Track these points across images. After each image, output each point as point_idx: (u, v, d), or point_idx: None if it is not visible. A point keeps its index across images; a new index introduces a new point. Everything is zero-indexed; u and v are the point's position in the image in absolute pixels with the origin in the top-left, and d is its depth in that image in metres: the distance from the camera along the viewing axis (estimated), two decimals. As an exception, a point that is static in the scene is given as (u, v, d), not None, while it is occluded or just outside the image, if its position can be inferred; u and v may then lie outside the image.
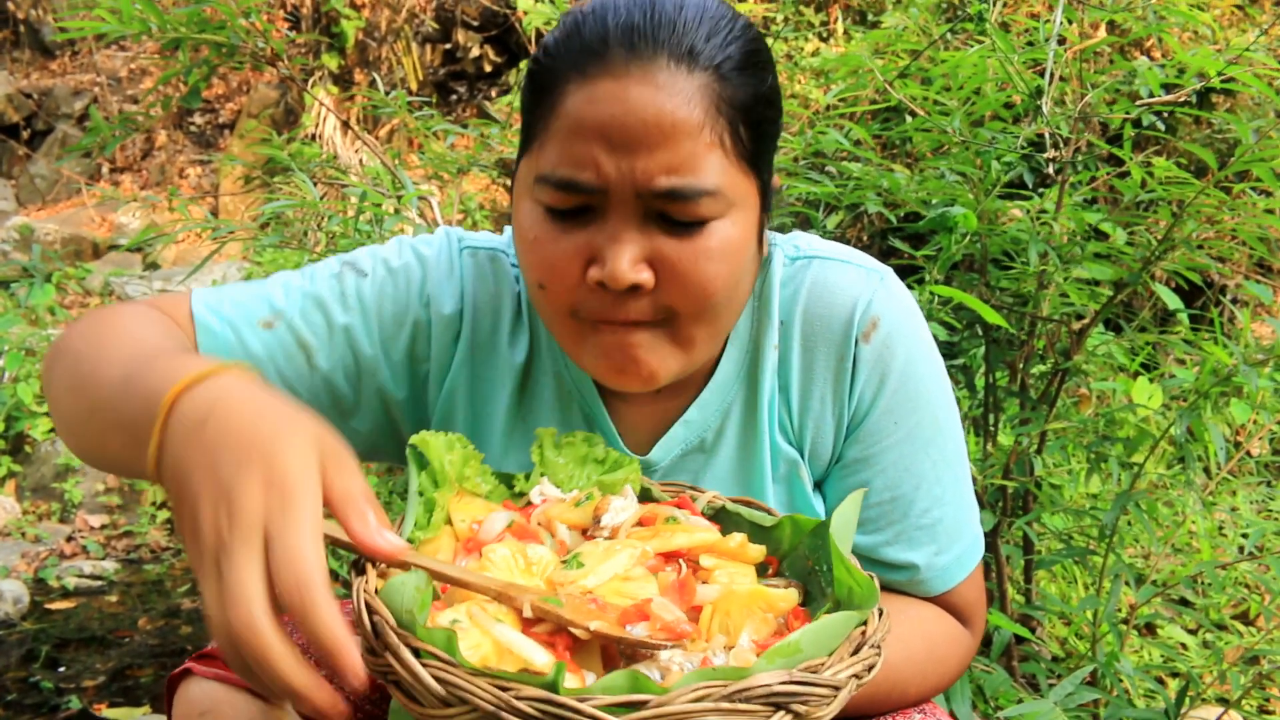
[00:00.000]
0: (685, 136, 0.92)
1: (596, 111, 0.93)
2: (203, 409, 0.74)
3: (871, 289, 1.10)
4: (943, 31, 2.13)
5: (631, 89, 0.92)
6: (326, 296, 1.12)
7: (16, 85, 8.68)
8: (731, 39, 0.97)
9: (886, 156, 2.92)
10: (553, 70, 0.97)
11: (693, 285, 0.96)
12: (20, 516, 4.19)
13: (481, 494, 1.00)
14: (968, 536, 1.16)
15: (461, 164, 2.88)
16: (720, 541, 0.88)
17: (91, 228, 7.61)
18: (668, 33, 0.93)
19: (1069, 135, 1.94)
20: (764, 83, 0.99)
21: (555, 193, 0.95)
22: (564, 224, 0.97)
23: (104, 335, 0.98)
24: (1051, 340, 2.14)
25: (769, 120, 1.01)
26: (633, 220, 0.95)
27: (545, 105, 0.98)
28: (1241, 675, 1.88)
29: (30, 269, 3.18)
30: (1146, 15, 1.86)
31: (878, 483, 1.12)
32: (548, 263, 0.98)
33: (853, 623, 0.78)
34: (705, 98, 0.93)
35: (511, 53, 7.60)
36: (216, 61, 2.05)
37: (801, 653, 0.75)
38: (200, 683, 1.09)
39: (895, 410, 1.11)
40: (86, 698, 2.94)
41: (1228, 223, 1.87)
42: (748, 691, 0.70)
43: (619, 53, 0.93)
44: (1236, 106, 3.86)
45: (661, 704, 0.68)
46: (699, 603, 0.81)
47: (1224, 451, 1.78)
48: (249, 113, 7.90)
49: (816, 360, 1.11)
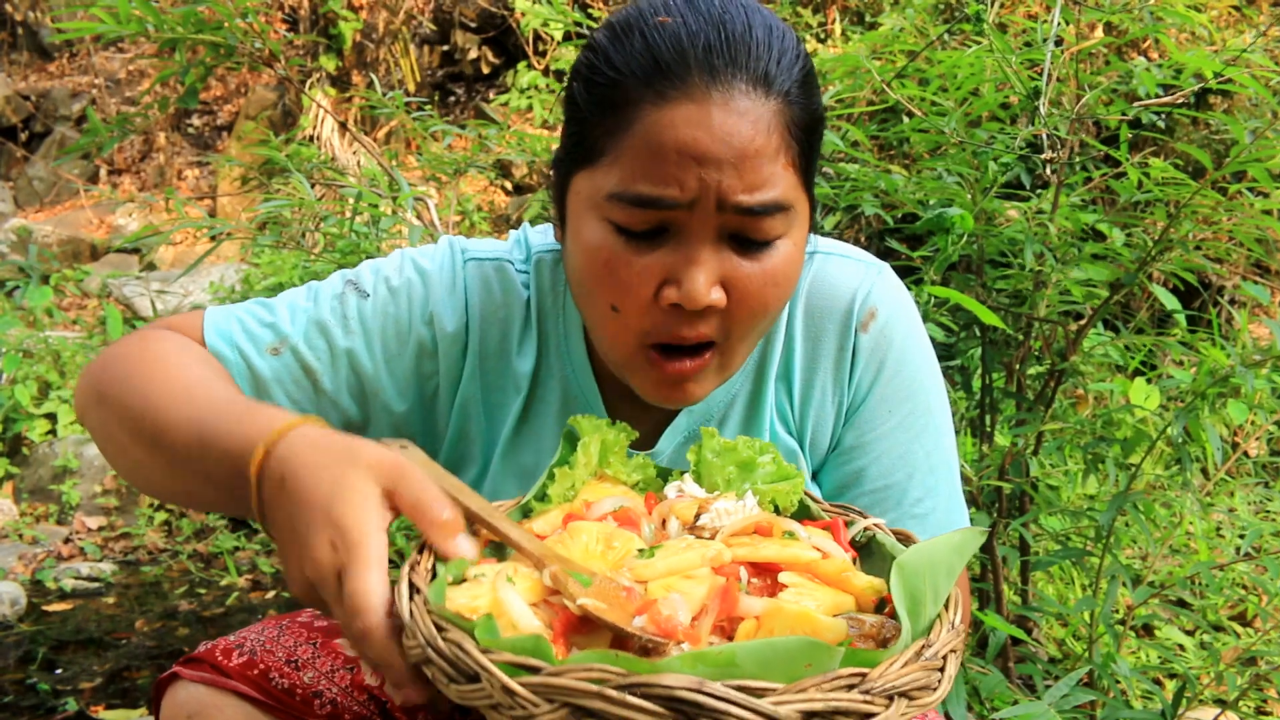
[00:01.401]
0: (765, 159, 0.95)
1: (679, 135, 0.93)
2: (278, 472, 0.86)
3: (870, 281, 1.15)
4: (940, 32, 2.13)
5: (715, 114, 0.93)
6: (329, 320, 1.14)
7: (14, 87, 8.67)
8: (795, 60, 0.99)
9: (883, 157, 2.92)
10: (622, 86, 0.97)
11: (757, 306, 1.00)
12: (17, 518, 4.19)
13: (627, 482, 1.01)
14: (957, 527, 1.18)
15: (459, 165, 2.88)
16: (816, 563, 0.85)
17: (89, 229, 7.61)
18: (744, 56, 0.95)
19: (1066, 136, 1.94)
20: (819, 104, 1.03)
21: (632, 210, 0.96)
22: (637, 244, 0.97)
23: (155, 376, 1.03)
24: (1048, 341, 2.14)
25: (820, 137, 1.05)
26: (709, 240, 0.96)
27: (614, 122, 0.97)
28: (1238, 676, 1.87)
29: (27, 270, 3.17)
30: (1143, 16, 1.86)
31: (872, 470, 1.15)
32: (621, 284, 0.98)
33: (813, 652, 0.69)
34: (780, 122, 0.96)
35: (509, 54, 7.60)
36: (213, 62, 2.05)
37: (736, 666, 0.68)
38: (187, 686, 1.09)
39: (890, 398, 1.15)
40: (83, 699, 2.94)
41: (1224, 223, 1.88)
42: (647, 688, 0.65)
43: (699, 74, 0.94)
44: (1233, 107, 3.86)
45: (554, 672, 0.66)
46: (742, 614, 0.78)
47: (1221, 452, 1.78)
48: (246, 114, 7.90)
49: (819, 351, 1.15)
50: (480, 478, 1.22)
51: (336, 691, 1.12)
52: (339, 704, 1.12)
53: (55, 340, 4.89)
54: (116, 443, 1.05)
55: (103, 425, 1.06)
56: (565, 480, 0.98)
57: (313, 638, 1.16)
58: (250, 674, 1.09)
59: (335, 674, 1.13)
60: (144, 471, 1.04)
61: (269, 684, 1.09)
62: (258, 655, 1.11)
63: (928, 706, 0.73)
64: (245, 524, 4.18)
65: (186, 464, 0.97)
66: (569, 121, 1.05)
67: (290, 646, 1.13)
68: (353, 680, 1.13)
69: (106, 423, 1.05)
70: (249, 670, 1.09)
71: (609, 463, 1.01)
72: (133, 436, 1.02)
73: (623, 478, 1.01)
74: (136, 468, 1.04)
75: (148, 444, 1.00)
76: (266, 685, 1.09)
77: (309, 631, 1.17)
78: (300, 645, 1.14)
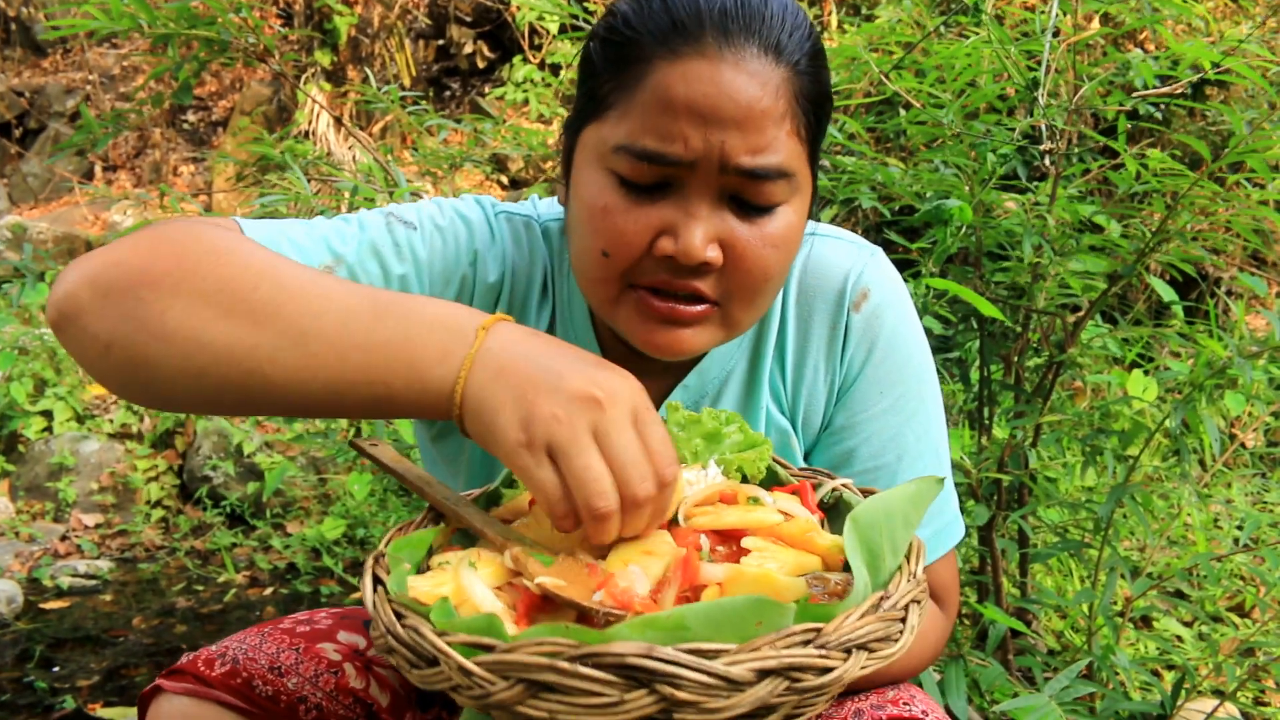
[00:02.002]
0: (771, 123, 0.96)
1: (689, 90, 0.94)
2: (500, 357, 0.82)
3: (863, 262, 1.16)
4: (937, 24, 2.12)
5: (725, 72, 0.95)
6: (382, 245, 1.09)
7: (8, 83, 8.64)
8: (807, 36, 1.01)
9: (880, 150, 2.91)
10: (637, 43, 0.98)
11: (755, 269, 0.99)
12: (14, 516, 4.18)
13: None
14: (946, 515, 1.19)
15: (454, 160, 2.88)
16: (779, 526, 0.86)
17: (84, 226, 7.59)
18: (758, 23, 0.97)
19: (1064, 127, 1.93)
20: (827, 80, 1.04)
21: (636, 164, 0.97)
22: (638, 197, 0.98)
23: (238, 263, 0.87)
24: (1046, 333, 2.14)
25: (828, 113, 1.06)
26: (709, 199, 0.97)
27: (626, 76, 0.98)
28: (1237, 668, 1.88)
29: (21, 268, 3.15)
30: (1142, 8, 1.86)
31: (862, 450, 1.15)
32: (617, 231, 0.98)
33: (763, 610, 0.68)
34: (789, 90, 0.97)
35: (505, 49, 7.59)
36: (207, 57, 2.04)
37: (687, 629, 0.67)
38: (171, 698, 1.08)
39: (881, 380, 1.15)
40: (81, 697, 2.93)
41: (1222, 215, 1.87)
42: (598, 658, 0.65)
43: (713, 35, 0.95)
44: (1230, 98, 3.86)
45: (508, 649, 0.67)
46: (704, 581, 0.78)
47: (1219, 444, 1.78)
48: (242, 110, 7.87)
49: (812, 330, 1.16)
50: (474, 465, 1.21)
51: (321, 696, 1.12)
52: (324, 709, 1.12)
53: (50, 338, 4.87)
54: (180, 334, 0.84)
55: (147, 315, 0.85)
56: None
57: (295, 644, 1.15)
58: (233, 683, 1.09)
59: (319, 679, 1.13)
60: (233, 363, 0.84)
61: (253, 692, 1.09)
62: (240, 664, 1.11)
63: (890, 658, 0.73)
64: (243, 520, 4.17)
65: (331, 334, 0.84)
66: (582, 82, 1.05)
67: (273, 653, 1.13)
68: (337, 684, 1.13)
69: (158, 310, 0.85)
70: (232, 679, 1.09)
71: None
72: (221, 318, 0.84)
73: None
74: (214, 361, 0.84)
75: (252, 315, 0.84)
76: (250, 694, 1.09)
77: (291, 638, 1.16)
78: (283, 652, 1.14)
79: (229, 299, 0.85)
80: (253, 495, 4.19)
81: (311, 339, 0.84)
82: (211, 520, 4.17)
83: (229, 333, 0.84)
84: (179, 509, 4.29)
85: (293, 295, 0.86)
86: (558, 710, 0.66)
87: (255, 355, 0.84)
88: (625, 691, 0.64)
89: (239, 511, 4.20)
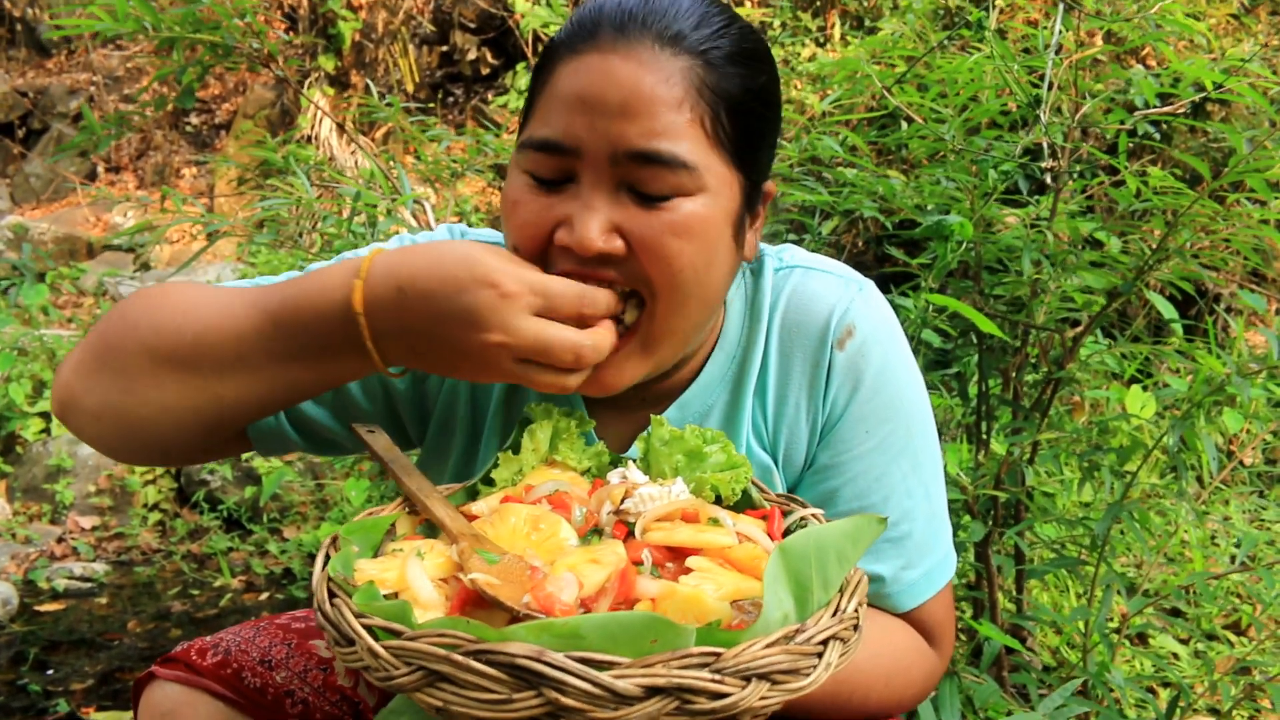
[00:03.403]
0: (663, 107, 0.95)
1: (578, 80, 0.96)
2: (391, 285, 0.93)
3: (849, 298, 1.13)
4: (940, 38, 2.12)
5: (614, 61, 0.96)
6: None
7: (12, 84, 8.65)
8: (724, 32, 1.00)
9: (881, 162, 2.91)
10: (551, 51, 1.02)
11: (659, 258, 0.98)
12: (10, 517, 4.17)
13: (578, 468, 1.03)
14: (938, 553, 1.16)
15: (457, 169, 2.88)
16: (729, 548, 0.86)
17: (86, 227, 7.59)
18: (656, 18, 0.98)
19: (1066, 145, 1.94)
20: (755, 79, 1.02)
21: (534, 155, 0.99)
22: (543, 190, 0.99)
23: (180, 299, 1.02)
24: (1045, 348, 2.13)
25: (758, 116, 1.03)
26: (605, 189, 0.97)
27: (540, 82, 1.01)
28: (1233, 686, 1.87)
29: (20, 267, 3.15)
30: (1146, 26, 1.86)
31: (846, 491, 1.13)
32: (521, 224, 1.00)
33: (658, 628, 0.68)
34: (686, 78, 0.97)
35: (509, 55, 7.60)
36: (211, 62, 2.04)
37: (581, 638, 0.68)
38: (163, 685, 1.11)
39: (867, 419, 1.12)
40: (75, 701, 2.93)
41: (1222, 232, 1.87)
42: (491, 655, 0.67)
43: (608, 31, 0.97)
44: (1231, 115, 3.87)
45: (412, 637, 0.69)
46: (639, 595, 0.79)
47: (1216, 462, 1.78)
48: (245, 113, 7.89)
49: (793, 366, 1.13)
50: (467, 450, 1.21)
51: (309, 692, 1.14)
52: (310, 704, 1.13)
53: (50, 339, 4.87)
54: (134, 389, 0.99)
55: (110, 382, 1.00)
56: (511, 465, 1.02)
57: (288, 639, 1.17)
58: (223, 673, 1.11)
59: (308, 674, 1.15)
60: (177, 404, 0.99)
61: (241, 683, 1.11)
62: (232, 655, 1.13)
63: (797, 692, 0.72)
64: (240, 525, 4.17)
65: (248, 356, 0.97)
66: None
67: (265, 647, 1.15)
68: (325, 681, 1.15)
69: (119, 374, 0.99)
70: (222, 670, 1.11)
71: (559, 449, 1.04)
72: (163, 364, 0.98)
73: (572, 464, 1.03)
74: (166, 404, 0.99)
75: (186, 361, 0.97)
76: (238, 685, 1.11)
77: (285, 633, 1.18)
78: (275, 646, 1.16)
79: (165, 350, 0.98)
80: (250, 500, 4.18)
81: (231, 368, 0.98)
82: (208, 524, 4.17)
83: (179, 382, 0.99)
84: (176, 512, 4.29)
85: (214, 328, 0.98)
86: (451, 701, 0.68)
87: (206, 392, 0.99)
88: (514, 691, 0.66)
89: (236, 516, 4.19)
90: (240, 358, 0.97)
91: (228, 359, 0.97)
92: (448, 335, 0.91)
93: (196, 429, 1.01)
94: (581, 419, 1.06)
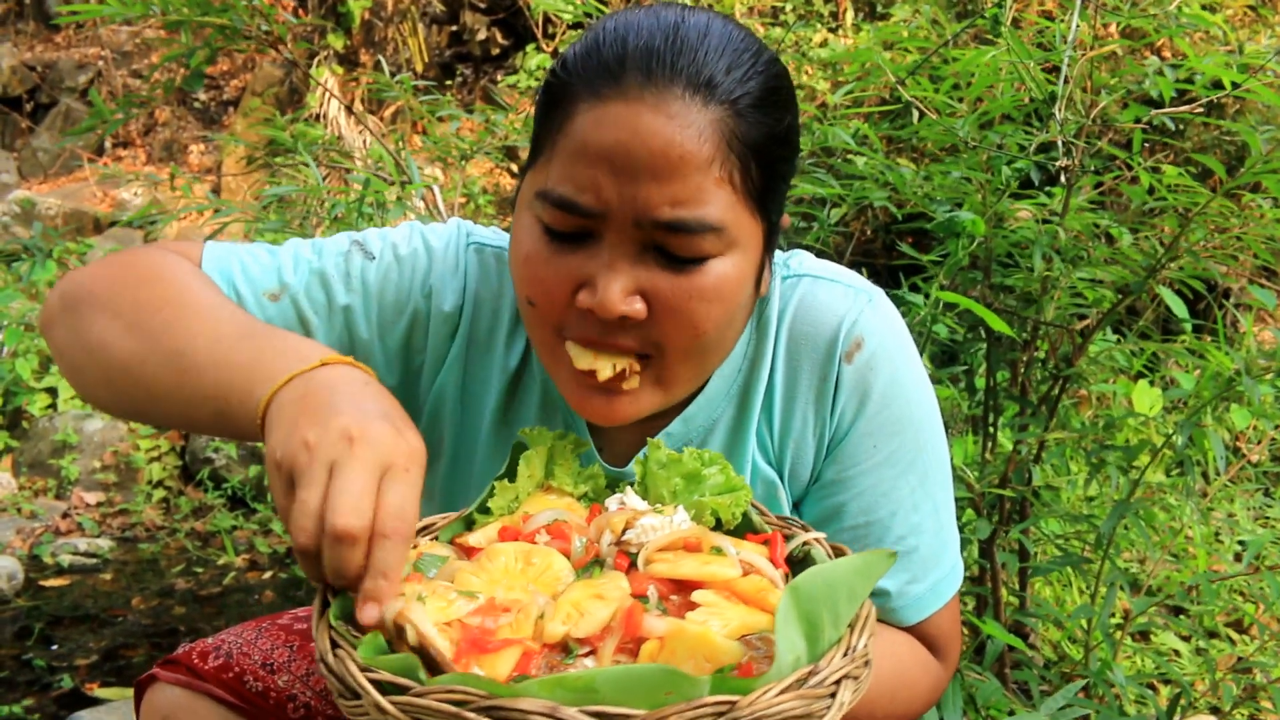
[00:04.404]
0: (694, 170, 0.91)
1: (604, 135, 0.91)
2: (304, 387, 0.84)
3: (858, 309, 1.09)
4: (955, 30, 2.10)
5: (643, 116, 0.90)
6: (331, 274, 1.11)
7: (20, 58, 8.63)
8: (753, 74, 0.95)
9: (891, 151, 2.90)
10: (567, 86, 0.95)
11: (684, 323, 0.95)
12: (16, 492, 4.19)
13: (574, 494, 1.00)
14: (944, 566, 1.14)
15: (466, 150, 2.87)
16: (734, 580, 0.84)
17: (93, 203, 7.59)
18: (686, 61, 0.91)
19: (1080, 142, 1.92)
20: (780, 122, 0.97)
21: (554, 212, 0.94)
22: (560, 245, 0.95)
23: (159, 280, 1.00)
24: (1054, 345, 2.12)
25: (782, 160, 0.99)
26: (629, 250, 0.93)
27: (555, 121, 0.96)
28: (1234, 686, 1.87)
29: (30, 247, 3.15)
30: (1165, 20, 1.84)
31: (853, 506, 1.11)
32: (538, 280, 0.97)
33: (673, 681, 0.67)
34: (718, 132, 0.91)
35: (518, 36, 7.56)
36: (219, 44, 2.03)
37: (595, 692, 0.67)
38: (164, 688, 1.10)
39: (875, 433, 1.09)
40: (79, 676, 2.94)
41: (1235, 230, 1.86)
42: (504, 711, 0.66)
43: (635, 76, 0.91)
44: (1245, 109, 3.84)
45: (420, 693, 0.68)
46: (646, 634, 0.77)
47: (1224, 460, 1.77)
48: (253, 90, 7.86)
49: (800, 379, 1.10)
50: (451, 469, 1.20)
51: (311, 695, 1.13)
52: (312, 708, 1.13)
53: (57, 314, 4.87)
54: (97, 345, 0.98)
55: (76, 334, 1.00)
56: (507, 493, 0.98)
57: (290, 640, 1.17)
58: (225, 677, 1.10)
59: (310, 677, 1.14)
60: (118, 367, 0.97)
61: (243, 688, 1.11)
62: (234, 658, 1.12)
63: None
64: (244, 504, 4.18)
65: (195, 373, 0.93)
66: (533, 128, 1.04)
67: (267, 649, 1.15)
68: (327, 684, 1.14)
69: (84, 334, 0.99)
70: (224, 674, 1.11)
71: (555, 474, 1.01)
72: (125, 333, 0.96)
73: (569, 488, 1.01)
74: (113, 364, 0.97)
75: (145, 344, 0.95)
76: (241, 689, 1.11)
77: (287, 634, 1.18)
78: (277, 648, 1.15)
79: (135, 318, 0.96)
80: (254, 478, 4.20)
81: (184, 357, 0.93)
82: (212, 502, 4.18)
83: (127, 349, 0.96)
84: (180, 490, 4.30)
85: (185, 319, 0.95)
86: None
87: (143, 369, 0.95)
88: None
89: (240, 494, 4.20)
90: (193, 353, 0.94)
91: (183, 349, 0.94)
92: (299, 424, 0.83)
93: (133, 415, 1.03)
94: (577, 442, 1.03)
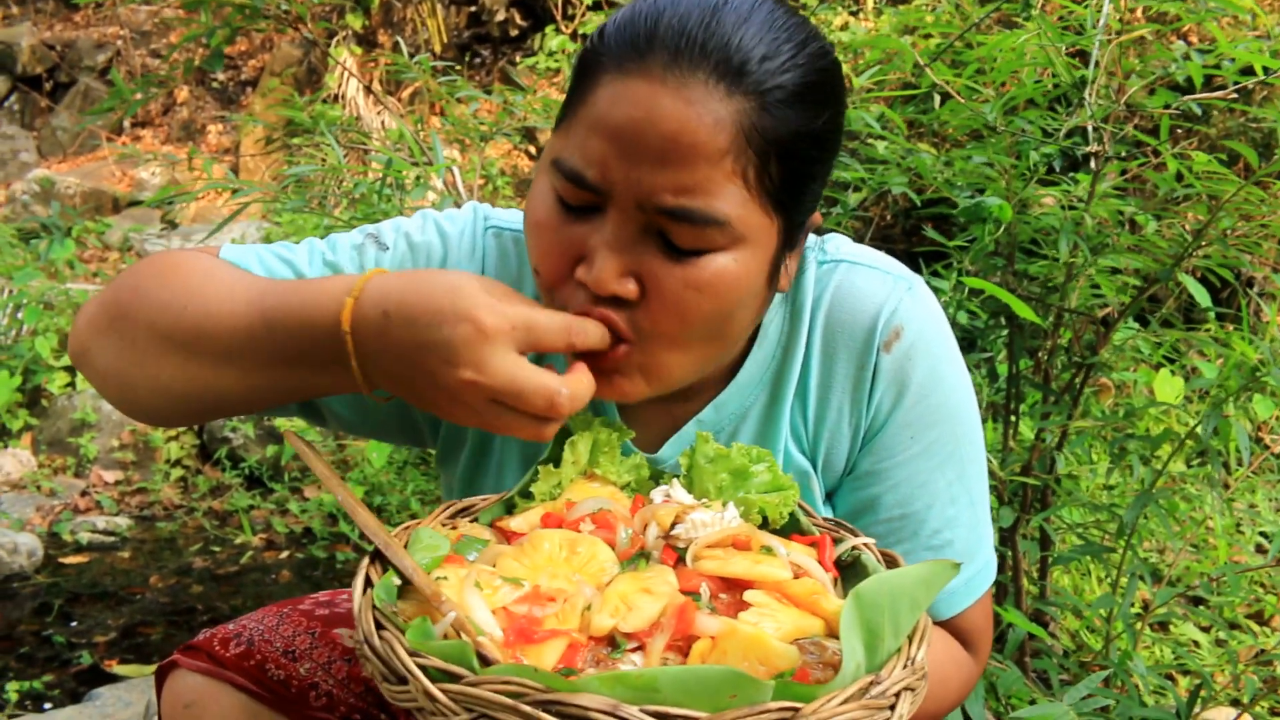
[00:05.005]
0: (703, 160, 0.88)
1: (619, 112, 0.89)
2: (378, 308, 0.90)
3: (898, 297, 1.07)
4: (982, 14, 2.08)
5: (662, 98, 0.87)
6: (345, 267, 1.11)
7: (39, 37, 8.65)
8: (791, 65, 0.91)
9: (912, 136, 2.87)
10: (598, 56, 0.94)
11: (672, 311, 0.93)
12: (36, 469, 4.22)
13: (618, 482, 0.99)
14: (979, 561, 1.13)
15: (485, 132, 2.86)
16: (786, 582, 0.82)
17: (112, 182, 7.61)
18: (718, 44, 0.88)
19: (1109, 128, 1.90)
20: (816, 119, 0.93)
21: (564, 182, 0.93)
22: (569, 215, 0.94)
23: (190, 276, 1.01)
24: (1078, 333, 2.10)
25: (813, 159, 0.95)
26: (631, 230, 0.91)
27: (582, 89, 0.94)
28: (1255, 678, 1.86)
29: (49, 225, 3.16)
30: (1195, 4, 1.81)
31: (888, 498, 1.09)
32: (544, 249, 0.96)
33: (738, 683, 0.66)
34: (737, 124, 0.88)
35: (537, 17, 7.53)
36: (238, 24, 2.03)
37: (657, 692, 0.65)
38: (186, 675, 1.10)
39: (913, 424, 1.07)
40: (98, 653, 2.97)
41: (1263, 218, 1.83)
42: (562, 706, 0.64)
43: (661, 55, 0.88)
44: (1273, 95, 3.79)
45: (473, 682, 0.67)
46: (699, 633, 0.75)
47: (1248, 450, 1.75)
48: (272, 70, 7.86)
49: (836, 367, 1.08)
50: (471, 460, 1.19)
51: (333, 683, 1.12)
52: (335, 696, 1.12)
53: (76, 293, 4.90)
54: (138, 361, 0.99)
55: (118, 348, 1.00)
56: (550, 479, 0.97)
57: (312, 627, 1.16)
58: (246, 665, 1.09)
59: (332, 665, 1.13)
60: (175, 384, 0.99)
61: (265, 675, 1.10)
62: (255, 645, 1.11)
63: None
64: (261, 483, 4.20)
65: (241, 353, 0.96)
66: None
67: (289, 636, 1.14)
68: (349, 672, 1.13)
69: (125, 342, 1.00)
70: (245, 661, 1.10)
71: (599, 462, 1.00)
72: (164, 343, 0.98)
73: (612, 478, 0.99)
74: (165, 383, 0.99)
75: (185, 345, 0.97)
76: (262, 677, 1.10)
77: (309, 620, 1.17)
78: (299, 635, 1.14)
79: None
80: (271, 458, 4.21)
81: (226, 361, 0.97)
82: (230, 481, 4.20)
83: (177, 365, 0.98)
84: (198, 469, 4.32)
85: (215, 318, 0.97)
86: None
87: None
88: None
89: (257, 474, 4.22)
90: (232, 353, 0.96)
91: (221, 352, 0.96)
92: (425, 367, 0.88)
93: (195, 410, 1.03)
94: (622, 429, 1.02)
